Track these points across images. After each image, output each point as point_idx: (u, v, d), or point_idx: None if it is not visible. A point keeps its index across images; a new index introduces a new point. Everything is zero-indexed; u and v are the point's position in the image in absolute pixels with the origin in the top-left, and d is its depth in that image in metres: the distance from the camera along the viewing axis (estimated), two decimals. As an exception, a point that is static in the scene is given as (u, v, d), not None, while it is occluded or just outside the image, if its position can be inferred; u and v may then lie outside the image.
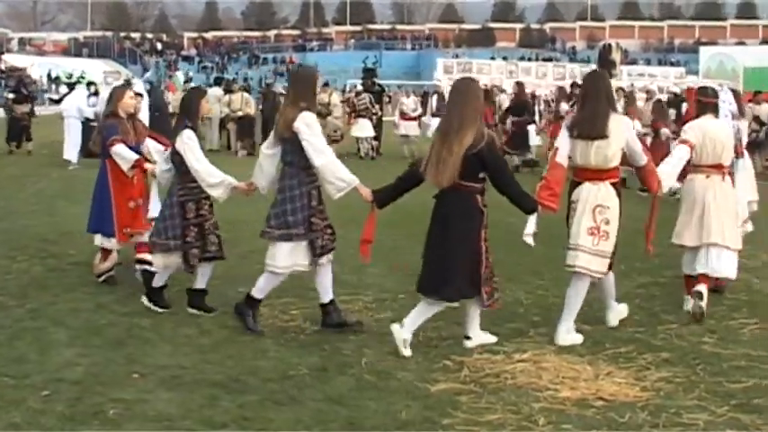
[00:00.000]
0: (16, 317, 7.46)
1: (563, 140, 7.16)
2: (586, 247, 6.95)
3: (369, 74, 28.38)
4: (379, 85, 27.79)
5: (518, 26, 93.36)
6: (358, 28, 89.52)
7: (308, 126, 6.92)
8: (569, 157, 7.11)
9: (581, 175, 7.13)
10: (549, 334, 7.10)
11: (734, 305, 8.17)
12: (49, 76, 53.89)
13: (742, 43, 77.36)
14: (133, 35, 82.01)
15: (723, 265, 7.91)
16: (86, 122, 20.98)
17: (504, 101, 24.09)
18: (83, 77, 27.48)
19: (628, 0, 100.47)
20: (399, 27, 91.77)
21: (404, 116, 25.15)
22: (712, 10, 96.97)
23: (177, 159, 7.53)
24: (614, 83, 15.04)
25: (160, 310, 7.73)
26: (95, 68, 47.48)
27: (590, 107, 7.11)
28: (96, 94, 22.29)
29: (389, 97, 36.40)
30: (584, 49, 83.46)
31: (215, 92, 26.62)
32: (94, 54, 70.48)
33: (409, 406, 5.51)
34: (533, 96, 31.72)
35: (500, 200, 7.13)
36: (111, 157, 8.44)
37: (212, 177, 7.40)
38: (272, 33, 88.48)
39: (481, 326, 6.95)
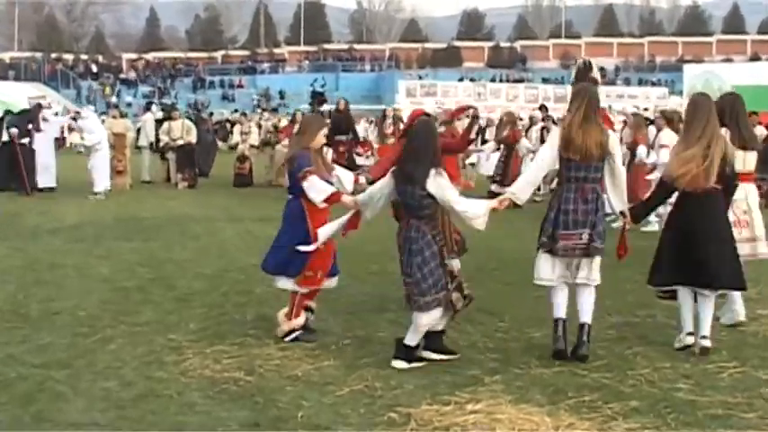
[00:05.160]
0: None
1: None
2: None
3: (317, 98, 28.43)
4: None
5: (486, 45, 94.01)
6: (313, 48, 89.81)
7: None
8: None
9: None
10: (506, 381, 7.03)
11: (713, 347, 7.97)
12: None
13: (729, 60, 78.40)
14: (66, 56, 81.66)
15: None
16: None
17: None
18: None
19: (605, 15, 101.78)
20: (358, 47, 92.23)
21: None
22: (697, 25, 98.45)
23: (426, 202, 7.37)
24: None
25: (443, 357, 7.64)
26: (19, 92, 46.71)
27: None
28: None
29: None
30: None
31: (148, 118, 26.63)
32: (22, 77, 69.62)
33: (348, 465, 5.42)
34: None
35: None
36: (305, 194, 8.09)
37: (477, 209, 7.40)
38: (219, 54, 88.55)
39: (433, 374, 6.90)
